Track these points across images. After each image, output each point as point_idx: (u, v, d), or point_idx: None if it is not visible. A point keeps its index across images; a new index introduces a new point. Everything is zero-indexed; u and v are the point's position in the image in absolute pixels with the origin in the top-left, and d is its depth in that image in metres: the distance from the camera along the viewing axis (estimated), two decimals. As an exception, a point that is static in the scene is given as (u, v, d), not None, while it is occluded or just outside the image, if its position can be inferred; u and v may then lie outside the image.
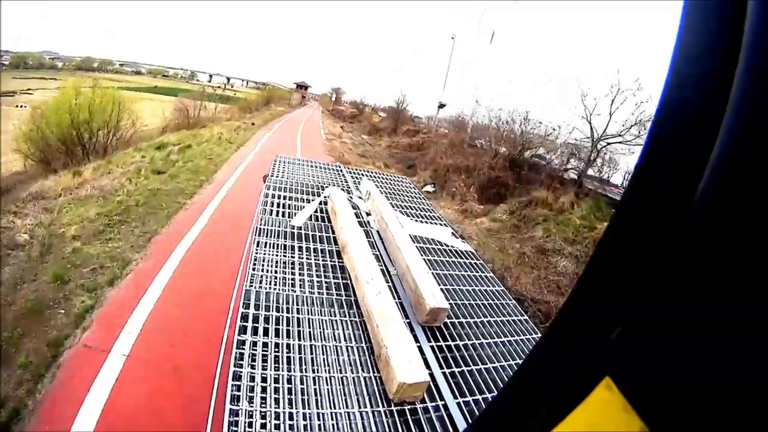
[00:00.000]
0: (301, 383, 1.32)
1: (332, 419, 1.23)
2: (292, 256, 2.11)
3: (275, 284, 1.84)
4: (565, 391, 0.39)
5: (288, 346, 1.46)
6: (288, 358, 1.41)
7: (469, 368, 1.60)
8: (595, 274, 0.43)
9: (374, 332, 1.54)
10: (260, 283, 1.83)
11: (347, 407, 1.28)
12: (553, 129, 13.74)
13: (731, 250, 0.31)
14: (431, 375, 1.46)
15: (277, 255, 2.09)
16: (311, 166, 4.04)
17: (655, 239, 0.36)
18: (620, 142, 12.06)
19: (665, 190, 0.36)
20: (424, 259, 2.20)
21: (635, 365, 0.36)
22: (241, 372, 1.29)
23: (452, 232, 2.98)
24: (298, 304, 1.72)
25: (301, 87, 72.35)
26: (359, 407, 1.29)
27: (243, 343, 1.42)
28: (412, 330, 1.71)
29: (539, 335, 1.98)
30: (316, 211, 2.77)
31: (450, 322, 1.85)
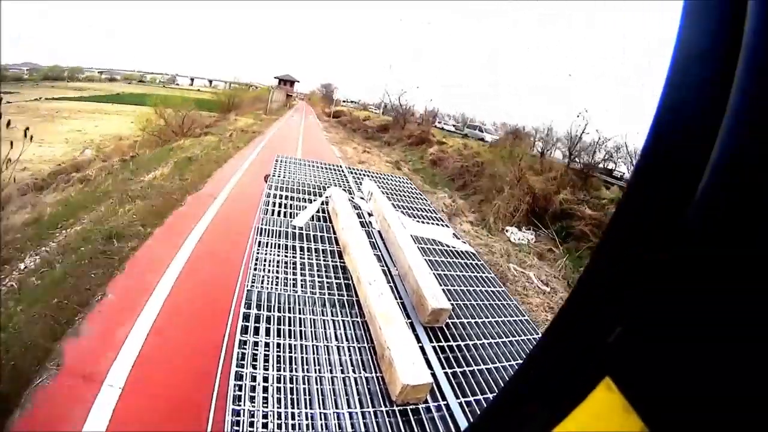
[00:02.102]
0: (303, 383, 1.32)
1: (335, 419, 1.23)
2: (293, 257, 2.11)
3: (277, 284, 1.85)
4: (565, 391, 0.39)
5: (290, 346, 1.47)
6: (290, 358, 1.41)
7: (470, 368, 1.60)
8: (595, 274, 0.43)
9: (377, 334, 1.54)
10: (262, 283, 1.83)
11: (349, 407, 1.28)
12: None
13: (731, 251, 0.31)
14: (433, 375, 1.46)
15: (278, 255, 2.09)
16: (313, 166, 4.04)
17: (655, 239, 0.36)
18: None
19: (665, 190, 0.36)
20: (425, 260, 2.20)
21: (635, 366, 0.36)
22: (242, 372, 1.30)
23: (453, 233, 2.98)
24: (299, 305, 1.72)
25: (285, 82, 54.19)
26: (361, 407, 1.29)
27: (245, 343, 1.42)
28: (414, 330, 1.72)
29: (540, 335, 1.98)
30: (317, 212, 2.77)
31: (451, 322, 1.85)
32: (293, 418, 1.19)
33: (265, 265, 1.98)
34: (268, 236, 2.26)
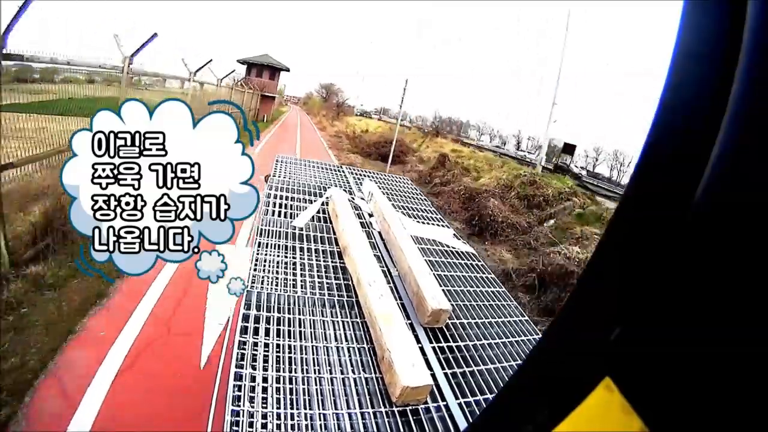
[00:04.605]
0: (303, 384, 1.32)
1: (334, 420, 1.23)
2: (293, 257, 2.12)
3: (277, 285, 1.85)
4: (565, 391, 0.39)
5: (289, 346, 1.47)
6: (290, 358, 1.41)
7: (470, 369, 1.60)
8: (595, 273, 0.43)
9: (377, 335, 1.54)
10: (261, 284, 1.83)
11: (349, 408, 1.28)
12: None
13: (731, 251, 0.31)
14: (433, 376, 1.46)
15: (278, 256, 2.10)
16: (313, 167, 4.04)
17: (655, 239, 0.36)
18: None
19: (665, 191, 0.36)
20: (425, 260, 2.20)
21: (635, 365, 0.36)
22: (242, 372, 1.30)
23: (453, 234, 2.98)
24: (299, 305, 1.72)
25: (260, 70, 28.59)
26: (361, 408, 1.29)
27: (244, 343, 1.42)
28: (413, 331, 1.72)
29: (539, 336, 1.99)
30: (317, 212, 2.77)
31: (451, 323, 1.85)
32: (292, 419, 1.19)
33: (265, 265, 1.98)
34: (268, 237, 2.26)
